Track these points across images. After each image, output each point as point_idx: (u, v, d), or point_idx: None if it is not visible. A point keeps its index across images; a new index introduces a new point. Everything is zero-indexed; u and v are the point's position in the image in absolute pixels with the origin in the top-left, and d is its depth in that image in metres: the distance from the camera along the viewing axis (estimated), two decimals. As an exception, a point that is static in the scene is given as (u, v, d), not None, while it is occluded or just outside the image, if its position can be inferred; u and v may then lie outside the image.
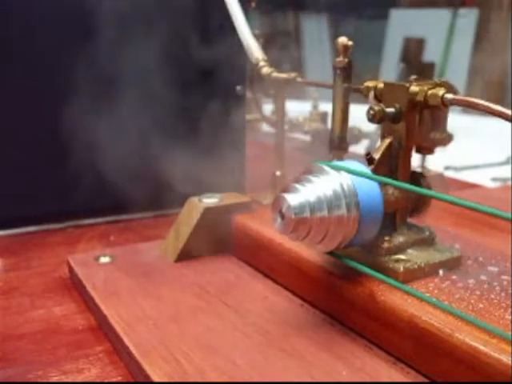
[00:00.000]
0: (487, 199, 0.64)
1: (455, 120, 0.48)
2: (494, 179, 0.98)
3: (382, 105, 0.38)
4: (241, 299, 0.43)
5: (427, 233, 0.42)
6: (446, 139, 0.40)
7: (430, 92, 0.37)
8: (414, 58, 3.62)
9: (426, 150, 0.40)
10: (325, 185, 0.36)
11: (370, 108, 0.38)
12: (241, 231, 0.50)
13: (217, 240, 0.51)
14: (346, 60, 0.44)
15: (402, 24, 3.64)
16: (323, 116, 0.93)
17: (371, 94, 0.39)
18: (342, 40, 0.44)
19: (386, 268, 0.39)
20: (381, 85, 0.40)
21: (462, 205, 0.29)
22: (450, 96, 0.36)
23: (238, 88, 0.67)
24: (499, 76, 3.22)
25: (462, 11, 3.32)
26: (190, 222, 0.50)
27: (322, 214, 0.36)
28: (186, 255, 0.49)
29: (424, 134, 0.39)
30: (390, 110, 0.39)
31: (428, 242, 0.41)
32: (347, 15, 3.99)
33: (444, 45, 3.40)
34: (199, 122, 0.66)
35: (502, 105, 0.33)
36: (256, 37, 0.62)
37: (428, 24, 3.47)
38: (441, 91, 0.37)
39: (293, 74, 0.51)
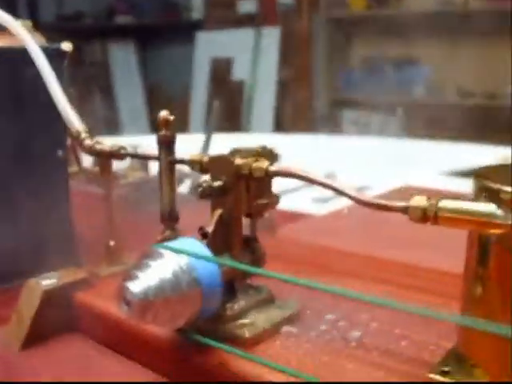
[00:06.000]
0: (321, 234, 0.68)
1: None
2: (315, 200, 1.03)
3: (209, 180, 0.40)
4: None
5: (265, 292, 0.44)
6: (274, 202, 0.42)
7: (254, 165, 0.39)
8: (222, 78, 3.73)
9: (255, 215, 0.42)
10: (163, 267, 0.37)
11: (199, 185, 0.40)
12: (85, 310, 0.49)
13: (62, 320, 0.49)
14: (169, 134, 0.45)
15: (209, 46, 3.73)
16: (143, 163, 0.92)
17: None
18: (163, 114, 0.44)
19: (232, 334, 0.40)
20: (205, 158, 0.42)
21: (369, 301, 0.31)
22: (273, 168, 0.38)
23: (60, 153, 0.66)
24: (306, 90, 3.41)
25: (265, 30, 3.47)
26: (31, 307, 0.48)
27: (166, 295, 0.37)
28: (32, 341, 0.48)
29: (252, 201, 0.41)
30: (218, 183, 0.40)
31: (268, 300, 0.43)
32: (154, 41, 4.02)
33: (251, 63, 3.53)
34: (20, 193, 0.63)
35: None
36: (71, 96, 0.61)
37: (234, 44, 3.58)
38: (265, 163, 0.39)
39: (116, 147, 0.51)
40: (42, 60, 0.60)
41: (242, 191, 0.41)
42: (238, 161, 0.40)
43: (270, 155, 0.41)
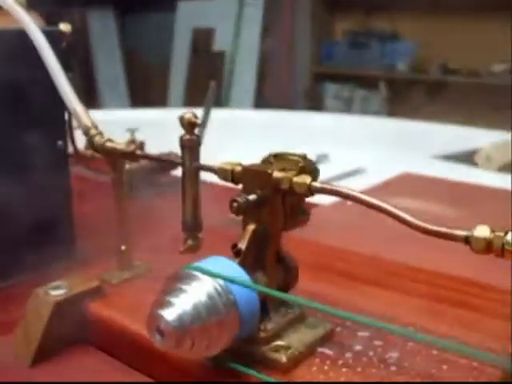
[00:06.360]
0: (332, 231, 0.65)
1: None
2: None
3: (244, 195, 0.37)
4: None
5: (297, 310, 0.41)
6: (307, 217, 0.40)
7: (295, 180, 0.36)
8: (203, 48, 3.67)
9: (287, 230, 0.39)
10: (198, 291, 0.35)
11: (234, 200, 0.37)
12: (98, 323, 0.46)
13: (73, 332, 0.46)
14: (194, 138, 0.42)
15: (190, 15, 3.65)
16: (141, 146, 0.89)
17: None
18: (188, 117, 0.41)
19: (268, 359, 0.38)
20: (238, 168, 0.39)
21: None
22: (317, 185, 0.36)
23: (60, 143, 0.63)
24: (288, 63, 3.37)
25: (248, 1, 3.40)
26: (40, 319, 0.45)
27: (203, 321, 0.34)
28: (42, 356, 0.45)
29: (287, 216, 0.38)
30: (253, 197, 0.37)
31: (300, 318, 0.41)
32: (134, 9, 3.93)
33: (233, 34, 3.47)
34: (20, 185, 0.60)
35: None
36: (71, 80, 0.58)
37: (216, 14, 3.51)
38: (307, 179, 0.36)
39: (131, 147, 0.47)
40: (44, 45, 0.55)
41: (279, 206, 0.38)
42: (277, 174, 0.37)
43: (310, 166, 0.38)
